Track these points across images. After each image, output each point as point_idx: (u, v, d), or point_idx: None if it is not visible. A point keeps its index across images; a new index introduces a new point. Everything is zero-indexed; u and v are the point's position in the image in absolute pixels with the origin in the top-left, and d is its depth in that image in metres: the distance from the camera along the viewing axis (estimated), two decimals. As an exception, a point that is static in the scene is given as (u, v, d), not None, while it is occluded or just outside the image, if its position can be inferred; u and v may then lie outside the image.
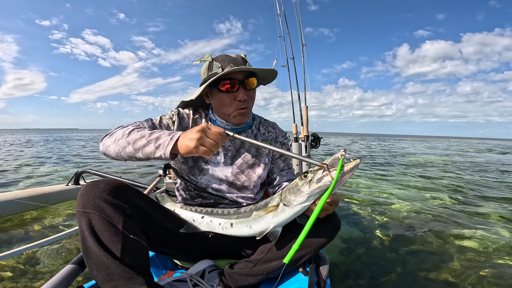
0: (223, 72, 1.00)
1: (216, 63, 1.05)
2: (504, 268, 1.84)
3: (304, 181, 0.84)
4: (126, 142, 0.86)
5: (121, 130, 0.91)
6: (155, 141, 0.82)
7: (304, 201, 0.84)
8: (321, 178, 0.79)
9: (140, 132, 0.87)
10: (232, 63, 1.04)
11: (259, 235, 0.91)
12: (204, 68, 1.10)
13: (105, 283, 0.74)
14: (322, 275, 0.99)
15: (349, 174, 0.76)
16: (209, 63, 1.07)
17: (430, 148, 19.53)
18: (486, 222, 2.85)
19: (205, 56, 1.09)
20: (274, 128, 1.27)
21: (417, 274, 1.75)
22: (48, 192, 2.96)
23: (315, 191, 0.81)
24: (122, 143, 0.87)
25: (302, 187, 0.83)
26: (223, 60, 1.05)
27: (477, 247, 2.17)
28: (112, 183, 0.82)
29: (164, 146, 0.80)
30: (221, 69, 1.03)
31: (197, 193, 1.14)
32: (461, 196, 4.09)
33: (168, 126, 1.09)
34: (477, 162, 9.72)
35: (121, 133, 0.89)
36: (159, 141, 0.82)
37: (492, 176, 6.33)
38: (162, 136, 0.83)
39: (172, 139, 0.80)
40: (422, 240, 2.29)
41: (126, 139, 0.86)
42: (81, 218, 0.77)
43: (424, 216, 2.97)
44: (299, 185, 0.84)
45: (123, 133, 0.89)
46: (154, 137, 0.83)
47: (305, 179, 0.84)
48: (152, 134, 0.85)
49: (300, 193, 0.84)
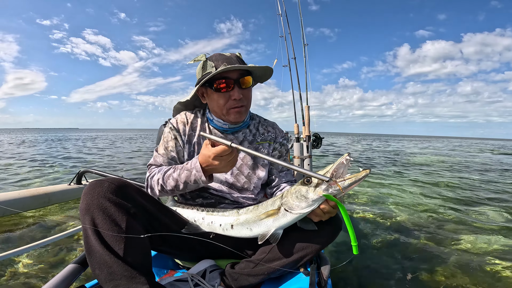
0: (216, 71, 1.00)
1: (210, 62, 1.05)
2: (502, 272, 1.83)
3: (308, 187, 0.82)
4: (170, 191, 1.01)
5: (155, 182, 1.03)
6: (191, 178, 0.95)
7: (307, 207, 0.83)
8: (328, 188, 0.78)
9: (170, 180, 0.99)
10: (226, 62, 1.03)
11: (260, 239, 0.90)
12: (198, 67, 1.09)
13: (107, 282, 0.74)
14: (323, 275, 0.99)
15: (358, 182, 0.76)
16: (203, 63, 1.06)
17: (431, 148, 19.46)
18: (486, 224, 2.83)
19: (199, 56, 1.08)
20: (273, 128, 1.25)
21: (417, 274, 1.75)
22: (51, 191, 2.97)
23: (320, 198, 0.80)
24: (169, 189, 1.00)
25: (306, 193, 0.82)
26: (217, 59, 1.05)
27: (476, 250, 2.16)
28: (116, 182, 0.82)
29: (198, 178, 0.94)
30: (214, 69, 1.03)
31: (198, 193, 1.14)
32: (460, 197, 4.08)
33: (176, 146, 1.12)
34: (478, 162, 9.68)
35: (158, 184, 1.02)
36: (191, 178, 0.94)
37: (492, 176, 6.30)
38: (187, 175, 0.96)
39: (198, 172, 0.93)
40: (423, 240, 2.28)
41: (169, 189, 1.00)
42: (84, 217, 0.77)
43: (425, 218, 2.96)
44: (303, 191, 0.83)
45: (160, 185, 1.01)
46: (187, 176, 0.96)
47: (308, 184, 0.82)
48: (180, 177, 0.98)
49: (304, 200, 0.82)
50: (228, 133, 1.15)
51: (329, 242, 0.98)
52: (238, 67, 1.01)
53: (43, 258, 1.82)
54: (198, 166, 0.92)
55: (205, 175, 0.93)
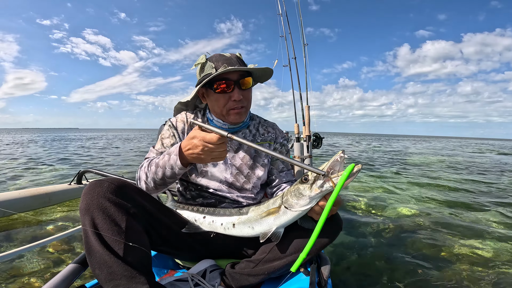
0: (216, 72, 0.99)
1: (210, 63, 1.04)
2: (500, 276, 1.82)
3: (305, 185, 0.84)
4: (151, 180, 0.98)
5: (142, 171, 1.02)
6: (168, 163, 0.92)
7: (306, 204, 0.84)
8: (323, 184, 0.80)
9: (153, 166, 0.97)
10: (226, 63, 1.03)
11: (262, 238, 0.91)
12: (198, 68, 1.08)
13: (107, 282, 0.74)
14: (324, 275, 0.99)
15: (351, 179, 0.76)
16: (203, 64, 1.06)
17: (431, 148, 19.45)
18: (485, 227, 2.83)
19: (200, 58, 1.08)
20: (274, 129, 1.25)
21: (416, 275, 1.75)
22: (51, 191, 2.97)
23: (317, 195, 0.82)
24: (151, 175, 0.98)
25: (304, 191, 0.84)
26: (217, 60, 1.04)
27: (479, 252, 2.16)
28: (116, 182, 0.82)
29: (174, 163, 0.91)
30: (214, 70, 1.02)
31: (198, 193, 1.14)
32: (459, 198, 4.07)
33: (173, 144, 1.10)
34: (478, 163, 9.67)
35: (144, 173, 1.00)
36: (170, 162, 0.91)
37: (492, 177, 6.29)
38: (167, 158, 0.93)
39: (176, 154, 0.90)
40: (424, 240, 2.28)
41: (151, 172, 0.97)
42: (84, 216, 0.77)
43: (426, 218, 2.96)
44: (301, 189, 0.85)
45: (145, 173, 1.00)
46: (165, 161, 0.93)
47: (305, 182, 0.84)
48: (159, 162, 0.95)
49: (302, 197, 0.84)
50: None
51: (329, 242, 0.98)
52: (238, 68, 1.00)
53: (43, 258, 1.82)
54: (177, 150, 0.90)
55: (183, 162, 0.90)
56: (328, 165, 0.79)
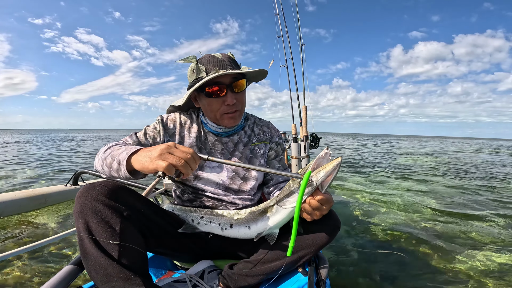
0: (207, 77, 0.96)
1: (201, 66, 1.00)
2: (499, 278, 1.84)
3: (294, 182, 0.86)
4: (102, 161, 0.87)
5: (102, 149, 0.92)
6: (117, 158, 0.80)
7: (295, 201, 0.85)
8: (310, 180, 0.81)
9: (112, 152, 0.84)
10: (217, 66, 0.99)
11: (256, 237, 0.92)
12: (189, 71, 1.05)
13: (103, 284, 0.74)
14: (322, 275, 0.99)
15: (333, 173, 0.78)
16: (193, 66, 1.02)
17: (423, 148, 19.56)
18: (480, 229, 2.85)
19: (190, 57, 1.03)
20: (269, 128, 1.24)
21: (416, 275, 1.76)
22: (47, 192, 2.95)
23: (305, 191, 0.82)
24: (101, 163, 0.88)
25: (292, 187, 0.86)
26: (208, 62, 1.00)
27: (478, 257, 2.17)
28: (109, 185, 0.81)
29: (123, 162, 0.78)
30: (205, 73, 0.99)
31: (195, 196, 1.13)
32: (454, 200, 4.10)
33: (154, 138, 1.06)
34: (472, 163, 9.74)
35: (102, 152, 0.90)
36: (120, 157, 0.79)
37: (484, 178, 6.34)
38: (123, 152, 0.80)
39: (127, 153, 0.78)
40: (421, 244, 2.29)
41: (102, 158, 0.87)
42: (78, 220, 0.76)
43: (424, 220, 2.98)
44: (291, 186, 0.87)
45: (103, 153, 0.89)
46: (118, 153, 0.81)
47: (296, 180, 0.86)
48: (119, 150, 0.83)
49: (291, 194, 0.86)
50: (223, 136, 1.14)
51: (327, 242, 0.97)
52: (230, 72, 0.97)
53: (40, 260, 1.80)
54: (133, 148, 0.80)
55: (133, 163, 0.76)
56: (313, 162, 0.82)
